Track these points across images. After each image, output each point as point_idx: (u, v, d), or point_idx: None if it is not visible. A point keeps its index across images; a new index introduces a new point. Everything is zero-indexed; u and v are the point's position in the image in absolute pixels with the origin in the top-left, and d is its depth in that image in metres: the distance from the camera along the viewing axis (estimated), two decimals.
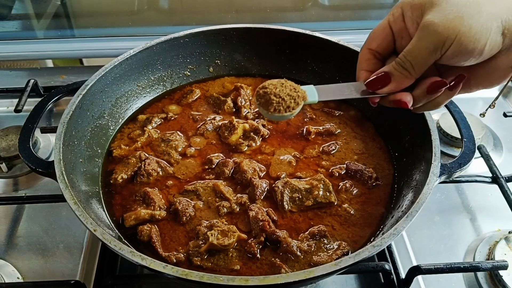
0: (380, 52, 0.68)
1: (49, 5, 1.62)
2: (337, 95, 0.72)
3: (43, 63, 1.71)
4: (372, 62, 0.68)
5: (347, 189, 0.96)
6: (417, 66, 0.61)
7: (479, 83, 0.64)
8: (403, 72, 0.63)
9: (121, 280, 0.91)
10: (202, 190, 0.94)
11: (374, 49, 0.68)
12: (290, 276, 0.67)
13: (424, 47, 0.59)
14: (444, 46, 0.57)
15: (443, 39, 0.57)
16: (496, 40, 0.56)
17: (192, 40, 1.17)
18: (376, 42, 0.67)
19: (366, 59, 0.69)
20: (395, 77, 0.64)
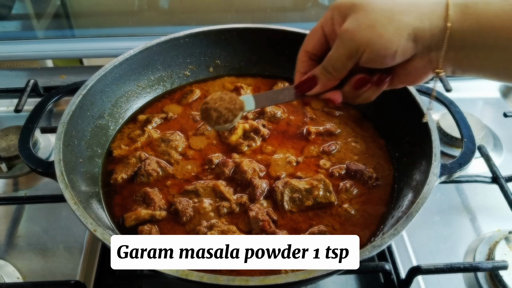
0: (315, 54, 0.71)
1: (49, 5, 1.62)
2: (273, 100, 0.77)
3: (43, 63, 1.71)
4: (308, 64, 0.72)
5: (347, 189, 0.96)
6: (338, 70, 0.67)
7: (402, 81, 0.69)
8: (326, 75, 0.68)
9: (121, 280, 0.91)
10: (202, 190, 0.94)
11: (310, 51, 0.72)
12: (290, 276, 0.67)
13: (341, 53, 0.65)
14: (358, 53, 0.63)
15: (356, 46, 0.62)
16: (407, 46, 0.61)
17: (192, 40, 1.17)
18: (310, 45, 0.71)
19: (302, 61, 0.73)
20: (320, 80, 0.69)
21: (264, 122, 1.11)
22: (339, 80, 0.69)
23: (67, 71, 1.48)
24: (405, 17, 0.60)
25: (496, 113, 1.35)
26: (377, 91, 0.71)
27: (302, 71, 0.73)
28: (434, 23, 0.60)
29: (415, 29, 0.60)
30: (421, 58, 0.64)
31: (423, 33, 0.60)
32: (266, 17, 1.68)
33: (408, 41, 0.61)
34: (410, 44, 0.61)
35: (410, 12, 0.60)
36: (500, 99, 1.42)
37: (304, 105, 0.79)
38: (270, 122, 1.12)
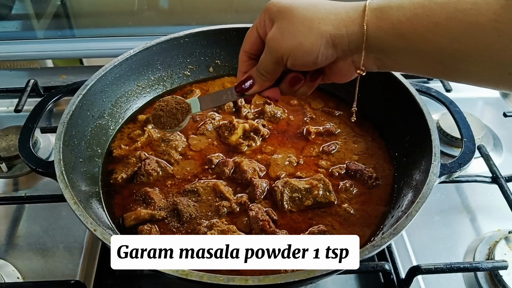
0: (253, 53, 0.75)
1: (49, 5, 1.62)
2: (217, 101, 0.81)
3: (43, 63, 1.71)
4: (248, 63, 0.76)
5: (347, 189, 0.96)
6: (269, 73, 0.72)
7: (331, 79, 0.74)
8: (261, 77, 0.73)
9: (121, 280, 0.91)
10: (202, 190, 0.94)
11: (247, 51, 0.75)
12: (290, 276, 0.67)
13: (268, 59, 0.70)
14: (283, 59, 0.68)
15: (280, 54, 0.67)
16: (327, 52, 0.65)
17: (192, 40, 1.17)
18: (248, 45, 0.75)
19: (243, 61, 0.77)
20: (256, 81, 0.74)
21: (264, 122, 1.11)
22: (274, 80, 0.74)
23: (67, 71, 1.48)
24: (323, 25, 0.64)
25: (496, 113, 1.35)
26: (312, 87, 0.76)
27: (242, 71, 0.77)
28: (351, 29, 0.64)
29: (333, 36, 0.64)
30: (344, 60, 0.68)
31: (341, 39, 0.64)
32: None
33: (327, 47, 0.65)
34: (330, 50, 0.65)
35: (328, 20, 0.64)
36: (500, 99, 1.42)
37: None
38: (270, 122, 1.12)
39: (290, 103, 1.18)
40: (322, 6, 0.65)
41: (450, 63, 0.61)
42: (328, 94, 1.18)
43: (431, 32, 0.59)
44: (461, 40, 0.57)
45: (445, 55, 0.60)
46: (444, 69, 0.62)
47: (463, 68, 0.60)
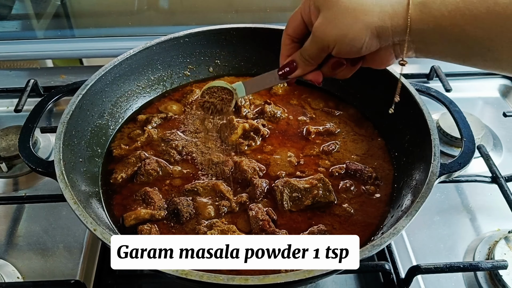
0: (296, 37, 0.78)
1: (49, 5, 1.62)
2: (261, 85, 0.84)
3: (43, 63, 1.71)
4: (290, 46, 0.79)
5: (347, 189, 0.96)
6: (313, 58, 0.75)
7: (371, 64, 0.77)
8: (304, 61, 0.76)
9: (121, 280, 0.91)
10: (202, 189, 0.94)
11: (291, 34, 0.78)
12: (290, 276, 0.67)
13: (313, 47, 0.73)
14: (329, 48, 0.71)
15: (326, 43, 0.70)
16: (371, 43, 0.68)
17: (192, 40, 1.17)
18: (291, 29, 0.78)
19: (286, 44, 0.79)
20: (300, 65, 0.77)
21: (264, 122, 1.11)
22: (316, 65, 0.76)
23: (67, 71, 1.48)
24: (368, 17, 0.66)
25: (495, 113, 1.35)
26: (352, 70, 0.78)
27: (285, 54, 0.80)
28: (395, 22, 0.66)
29: (378, 27, 0.66)
30: (386, 49, 0.71)
31: (386, 31, 0.67)
32: (266, 17, 1.68)
33: (372, 38, 0.67)
34: (374, 40, 0.68)
35: (374, 12, 0.66)
36: (500, 99, 1.42)
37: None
38: (270, 121, 1.12)
39: (290, 103, 1.18)
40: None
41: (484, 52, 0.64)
42: (328, 94, 1.18)
43: (470, 25, 0.62)
44: (497, 32, 0.62)
45: (481, 45, 0.64)
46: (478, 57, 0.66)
47: (496, 57, 0.64)
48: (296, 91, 1.21)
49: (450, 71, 1.38)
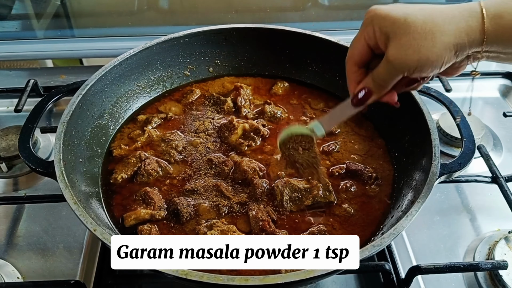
0: (363, 63, 0.77)
1: (49, 5, 1.62)
2: (338, 118, 0.85)
3: (43, 63, 1.71)
4: (358, 73, 0.78)
5: (347, 189, 0.96)
6: (388, 83, 0.74)
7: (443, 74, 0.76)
8: (379, 87, 0.75)
9: (121, 280, 0.91)
10: (202, 189, 0.94)
11: (358, 61, 0.77)
12: (290, 276, 0.67)
13: (390, 74, 0.72)
14: (408, 73, 0.70)
15: (406, 69, 0.69)
16: (450, 60, 0.69)
17: (192, 40, 1.17)
18: (357, 56, 0.77)
19: (353, 71, 0.78)
20: (374, 91, 0.76)
21: (264, 122, 1.11)
22: (390, 87, 0.75)
23: (67, 71, 1.48)
24: (445, 37, 0.66)
25: (495, 113, 1.35)
26: (424, 83, 0.80)
27: (355, 81, 0.79)
28: (472, 37, 0.67)
29: (455, 45, 0.67)
30: (460, 62, 0.72)
31: (463, 46, 0.67)
32: (266, 17, 1.67)
33: (451, 57, 0.68)
34: (452, 57, 0.68)
35: (450, 30, 0.66)
36: (500, 99, 1.42)
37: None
38: (270, 122, 1.12)
39: (290, 103, 1.18)
40: (439, 16, 0.67)
41: None
42: (328, 94, 1.18)
43: None
44: None
45: None
46: None
47: None
48: (296, 91, 1.21)
49: None
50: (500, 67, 1.51)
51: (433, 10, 0.68)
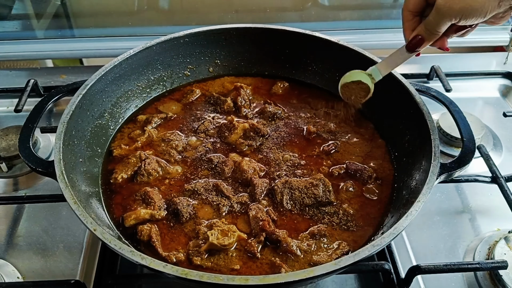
0: (417, 11, 0.83)
1: (49, 5, 1.62)
2: (394, 64, 0.91)
3: (43, 63, 1.71)
4: (413, 21, 0.84)
5: (347, 188, 0.96)
6: (439, 30, 0.80)
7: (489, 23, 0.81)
8: (430, 35, 0.81)
9: (121, 280, 0.91)
10: (202, 189, 0.94)
11: (412, 10, 0.83)
12: (290, 276, 0.67)
13: (439, 21, 0.78)
14: (455, 19, 0.76)
15: (452, 17, 0.76)
16: (494, 10, 0.74)
17: (192, 40, 1.17)
18: (412, 5, 0.83)
19: (408, 19, 0.85)
20: (426, 37, 0.82)
21: (264, 122, 1.11)
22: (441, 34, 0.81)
23: (67, 71, 1.48)
24: None
25: (495, 113, 1.35)
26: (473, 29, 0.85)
27: (409, 29, 0.85)
28: None
29: None
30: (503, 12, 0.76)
31: None
32: (266, 17, 1.68)
33: (494, 5, 0.73)
34: (496, 7, 0.73)
35: None
36: (500, 99, 1.42)
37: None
38: (270, 122, 1.12)
39: (290, 102, 1.18)
40: None
41: None
42: (328, 94, 1.18)
43: None
44: None
45: None
46: None
47: None
48: (296, 91, 1.21)
49: (450, 71, 1.38)
50: (500, 67, 1.51)
51: None
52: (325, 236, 0.87)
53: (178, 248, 0.85)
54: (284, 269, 0.80)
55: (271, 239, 0.85)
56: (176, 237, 0.87)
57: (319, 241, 0.86)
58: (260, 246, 0.85)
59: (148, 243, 0.85)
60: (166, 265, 0.68)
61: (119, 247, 0.71)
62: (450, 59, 1.51)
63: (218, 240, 0.82)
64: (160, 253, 0.83)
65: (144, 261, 0.69)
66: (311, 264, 0.82)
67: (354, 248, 0.85)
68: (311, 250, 0.84)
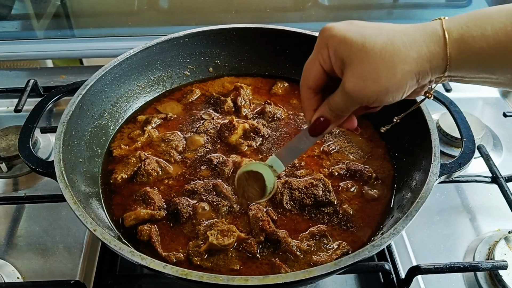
0: (318, 88, 0.71)
1: (49, 5, 1.62)
2: (297, 152, 0.77)
3: (43, 63, 1.71)
4: (314, 99, 0.72)
5: (347, 189, 0.96)
6: (346, 113, 0.69)
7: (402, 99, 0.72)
8: (336, 116, 0.70)
9: (121, 280, 0.91)
10: (202, 189, 0.94)
11: (312, 87, 0.71)
12: (290, 276, 0.67)
13: (347, 104, 0.67)
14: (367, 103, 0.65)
15: (364, 101, 0.65)
16: (411, 88, 0.64)
17: (192, 40, 1.17)
18: (312, 82, 0.70)
19: (308, 98, 0.72)
20: (332, 121, 0.71)
21: (264, 122, 1.11)
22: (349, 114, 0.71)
23: (67, 71, 1.48)
24: (407, 66, 0.61)
25: (495, 113, 1.35)
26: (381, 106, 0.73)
27: (311, 109, 0.73)
28: (434, 64, 0.62)
29: (417, 73, 0.62)
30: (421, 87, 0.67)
31: (425, 74, 0.63)
32: (266, 17, 1.68)
33: (412, 84, 0.63)
34: (414, 85, 0.64)
35: (411, 58, 0.61)
36: (500, 99, 1.42)
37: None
38: (270, 122, 1.12)
39: (290, 103, 1.18)
40: (398, 39, 0.61)
41: None
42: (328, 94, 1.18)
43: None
44: None
45: None
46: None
47: None
48: (296, 91, 1.21)
49: None
50: None
51: (393, 31, 0.62)
52: (325, 236, 0.86)
53: (178, 248, 0.85)
54: (284, 269, 0.80)
55: (271, 239, 0.85)
56: (176, 237, 0.87)
57: (319, 241, 0.86)
58: (260, 246, 0.85)
59: (148, 243, 0.85)
60: (166, 266, 0.68)
61: (119, 247, 0.71)
62: None
63: (218, 240, 0.82)
64: (160, 253, 0.83)
65: (144, 262, 0.69)
66: (311, 264, 0.82)
67: (354, 248, 0.85)
68: (311, 250, 0.84)
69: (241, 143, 1.04)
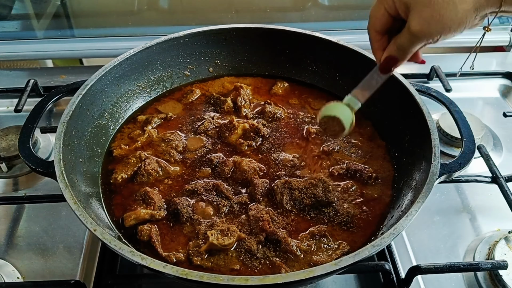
0: (385, 30, 0.79)
1: (49, 5, 1.62)
2: (370, 88, 0.84)
3: (43, 63, 1.71)
4: (383, 40, 0.80)
5: (347, 189, 0.96)
6: (412, 50, 0.76)
7: None
8: (404, 54, 0.77)
9: (121, 280, 0.91)
10: (202, 189, 0.94)
11: (379, 30, 0.79)
12: (290, 276, 0.67)
13: (414, 43, 0.74)
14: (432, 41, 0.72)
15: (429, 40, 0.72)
16: (471, 24, 0.71)
17: (192, 40, 1.17)
18: (379, 25, 0.78)
19: (376, 39, 0.80)
20: (400, 57, 0.77)
21: (264, 122, 1.11)
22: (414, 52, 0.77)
23: (67, 71, 1.48)
24: (465, 4, 0.68)
25: (495, 113, 1.35)
26: None
27: (379, 49, 0.80)
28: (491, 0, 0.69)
29: (475, 10, 0.69)
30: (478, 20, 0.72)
31: (482, 10, 0.69)
32: (266, 17, 1.68)
33: (471, 20, 0.70)
34: (473, 20, 0.70)
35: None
36: (500, 99, 1.42)
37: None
38: (270, 122, 1.12)
39: (290, 103, 1.18)
40: None
41: None
42: (328, 94, 1.18)
43: None
44: None
45: None
46: None
47: None
48: (296, 91, 1.21)
49: (450, 71, 1.38)
50: (500, 67, 1.51)
51: None
52: (325, 236, 0.87)
53: (178, 248, 0.85)
54: (284, 269, 0.80)
55: (271, 239, 0.85)
56: (176, 237, 0.87)
57: (319, 241, 0.86)
58: (260, 246, 0.85)
59: (148, 243, 0.85)
60: (166, 266, 0.68)
61: (119, 247, 0.71)
62: (450, 59, 1.51)
63: (218, 240, 0.82)
64: (160, 253, 0.83)
65: (144, 262, 0.69)
66: (311, 264, 0.82)
67: (354, 248, 0.85)
68: (311, 250, 0.84)
69: (241, 143, 1.04)
